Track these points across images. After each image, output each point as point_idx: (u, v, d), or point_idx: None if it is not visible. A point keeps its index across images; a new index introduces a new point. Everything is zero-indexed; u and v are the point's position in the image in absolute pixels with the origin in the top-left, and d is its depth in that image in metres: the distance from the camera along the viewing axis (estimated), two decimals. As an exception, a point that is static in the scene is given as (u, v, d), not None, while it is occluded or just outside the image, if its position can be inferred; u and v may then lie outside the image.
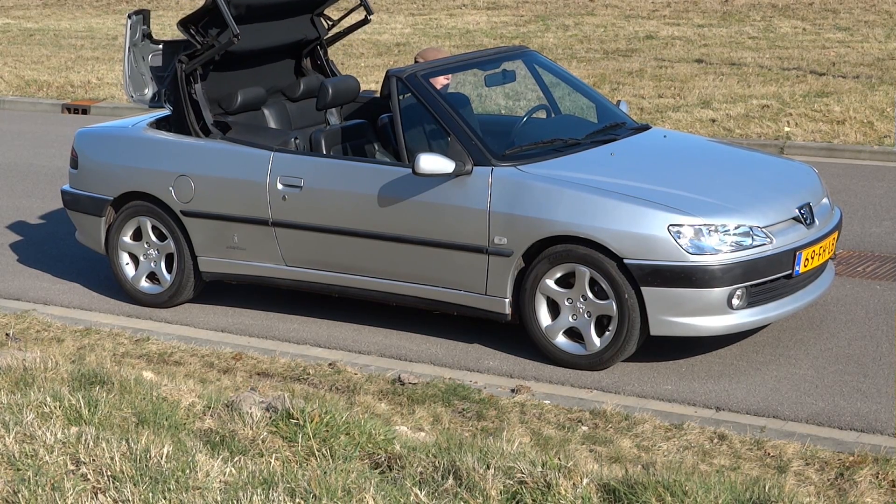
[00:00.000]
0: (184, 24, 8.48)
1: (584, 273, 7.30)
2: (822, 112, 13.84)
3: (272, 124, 9.04)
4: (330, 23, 9.55)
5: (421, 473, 5.16)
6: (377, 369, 7.64)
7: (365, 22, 9.53)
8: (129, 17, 8.84)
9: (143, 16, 8.91)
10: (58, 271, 9.77)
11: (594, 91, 8.96)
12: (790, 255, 7.31)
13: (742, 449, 6.32)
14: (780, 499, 4.88)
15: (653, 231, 7.13)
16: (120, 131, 9.20)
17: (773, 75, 16.23)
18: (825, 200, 7.98)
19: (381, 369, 7.64)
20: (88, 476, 5.01)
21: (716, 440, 6.44)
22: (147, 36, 8.96)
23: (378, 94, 9.07)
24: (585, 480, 4.98)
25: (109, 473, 5.00)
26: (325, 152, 8.28)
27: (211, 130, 8.53)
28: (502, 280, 7.53)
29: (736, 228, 7.20)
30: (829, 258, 7.81)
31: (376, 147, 8.68)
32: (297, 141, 8.53)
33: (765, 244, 7.24)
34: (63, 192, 9.30)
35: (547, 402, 7.05)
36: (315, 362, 7.76)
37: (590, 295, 7.33)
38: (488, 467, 5.08)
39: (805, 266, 7.43)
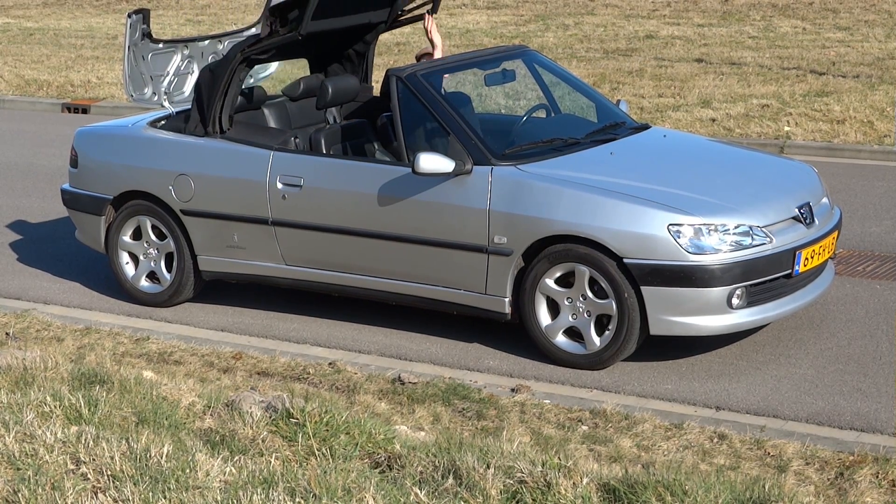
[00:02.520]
0: (272, 9, 8.13)
1: (584, 272, 7.30)
2: (822, 112, 13.84)
3: (272, 124, 9.03)
4: (401, 11, 9.30)
5: (421, 473, 5.16)
6: (377, 369, 7.64)
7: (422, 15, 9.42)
8: (129, 16, 8.83)
9: (143, 15, 8.91)
10: (58, 271, 9.77)
11: (594, 91, 8.96)
12: (790, 255, 7.31)
13: (742, 448, 6.32)
14: (780, 498, 4.88)
15: (653, 230, 7.13)
16: (120, 130, 9.19)
17: (773, 75, 16.23)
18: (825, 200, 7.97)
19: (381, 369, 7.64)
20: (88, 475, 5.00)
21: (716, 440, 6.44)
22: (147, 35, 8.95)
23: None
24: (585, 480, 4.98)
25: (109, 473, 4.99)
26: (324, 152, 8.27)
27: (224, 129, 8.50)
28: (502, 279, 7.53)
29: (736, 228, 7.19)
30: (829, 258, 7.81)
31: (376, 146, 8.67)
32: (297, 140, 8.52)
33: (764, 244, 7.23)
34: (63, 191, 9.30)
35: (547, 401, 7.04)
36: (315, 362, 7.76)
37: (589, 294, 7.33)
38: (488, 467, 5.08)
39: (805, 266, 7.42)
